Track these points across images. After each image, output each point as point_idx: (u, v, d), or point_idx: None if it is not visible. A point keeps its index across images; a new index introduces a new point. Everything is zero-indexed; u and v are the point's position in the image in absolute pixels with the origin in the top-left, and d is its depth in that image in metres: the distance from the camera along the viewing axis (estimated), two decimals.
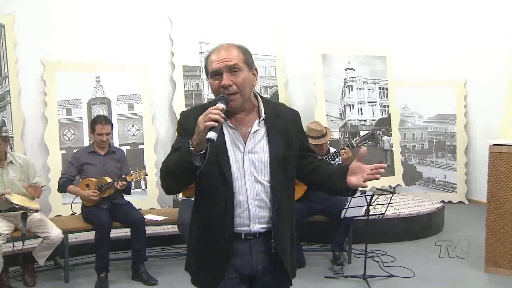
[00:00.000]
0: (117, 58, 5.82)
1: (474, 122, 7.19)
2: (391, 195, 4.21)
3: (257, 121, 1.90)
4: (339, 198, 4.46)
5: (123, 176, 4.24)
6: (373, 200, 4.07)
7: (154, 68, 6.04)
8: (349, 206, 4.03)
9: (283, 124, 1.95)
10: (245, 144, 1.87)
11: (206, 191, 1.88)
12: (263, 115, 1.91)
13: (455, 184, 7.16)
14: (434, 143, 7.31)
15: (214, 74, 1.83)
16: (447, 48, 7.12)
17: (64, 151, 5.57)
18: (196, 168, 1.73)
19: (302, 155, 2.03)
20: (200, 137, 1.65)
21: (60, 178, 4.33)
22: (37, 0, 5.60)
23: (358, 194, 4.03)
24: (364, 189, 2.43)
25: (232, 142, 1.87)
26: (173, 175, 1.81)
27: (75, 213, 4.62)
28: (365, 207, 4.08)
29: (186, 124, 1.90)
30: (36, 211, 3.83)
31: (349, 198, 4.00)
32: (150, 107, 6.00)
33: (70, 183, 4.27)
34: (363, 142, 4.42)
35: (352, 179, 1.85)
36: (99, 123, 4.30)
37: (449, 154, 7.26)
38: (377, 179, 1.85)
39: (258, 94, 2.00)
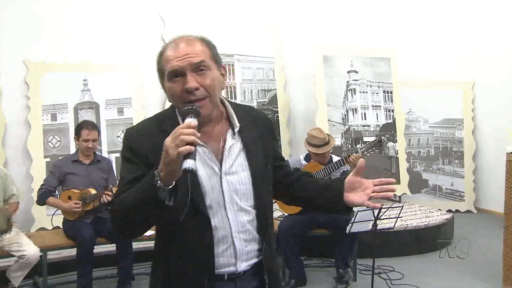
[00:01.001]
0: (106, 59, 5.49)
1: (482, 127, 6.87)
2: (400, 208, 3.86)
3: (229, 132, 1.54)
4: None
5: (110, 187, 3.90)
6: (381, 214, 3.73)
7: (145, 70, 5.63)
8: (355, 221, 3.68)
9: (259, 132, 1.61)
10: (220, 164, 1.50)
11: (173, 230, 1.48)
12: (237, 124, 1.54)
13: (463, 192, 6.83)
14: (441, 149, 6.98)
15: (173, 75, 1.43)
16: (454, 48, 6.81)
17: (48, 159, 5.22)
18: (165, 207, 1.34)
19: (277, 165, 1.69)
20: (171, 168, 1.27)
21: (40, 188, 3.98)
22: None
23: (364, 207, 3.70)
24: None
25: (203, 164, 1.48)
26: (133, 218, 1.40)
27: (59, 227, 4.25)
28: (372, 221, 3.75)
29: (138, 147, 1.50)
30: (5, 231, 3.44)
31: (355, 211, 3.68)
32: (142, 111, 5.66)
33: (50, 195, 3.93)
34: (370, 151, 4.07)
35: (353, 197, 1.56)
36: (85, 128, 3.97)
37: (456, 161, 6.93)
38: (388, 197, 1.54)
39: (225, 98, 1.62)
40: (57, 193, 4.15)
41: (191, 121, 1.32)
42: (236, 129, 1.54)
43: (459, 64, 6.78)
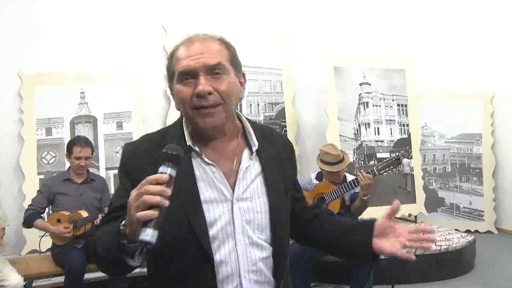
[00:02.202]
0: (105, 70, 5.21)
1: (503, 142, 6.49)
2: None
3: (246, 152, 1.30)
4: None
5: (104, 209, 3.59)
6: None
7: (146, 82, 5.40)
8: None
9: (279, 156, 1.37)
10: (233, 188, 1.26)
11: (168, 264, 1.26)
12: (255, 143, 1.31)
13: (482, 211, 6.44)
14: (458, 166, 6.61)
15: (184, 77, 1.23)
16: (472, 59, 6.49)
17: (42, 176, 4.90)
18: (134, 267, 1.16)
19: (294, 196, 1.44)
20: (133, 229, 1.07)
21: (27, 209, 3.67)
22: (15, 6, 5.00)
23: None
24: None
25: (210, 187, 1.24)
26: (105, 262, 1.20)
27: (46, 251, 3.93)
28: None
29: (129, 168, 1.30)
30: None
31: None
32: (142, 126, 5.34)
33: (39, 217, 3.62)
34: (387, 169, 3.73)
35: (384, 245, 1.32)
36: (77, 144, 3.67)
37: (474, 178, 6.55)
38: (427, 248, 1.31)
39: (240, 113, 1.38)
40: (46, 213, 3.84)
41: (164, 172, 1.06)
42: (255, 148, 1.31)
43: (477, 76, 6.46)
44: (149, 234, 1.02)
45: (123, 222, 1.12)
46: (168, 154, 1.08)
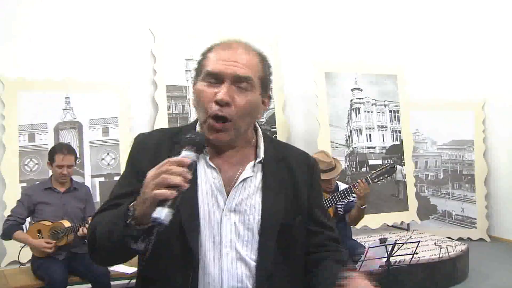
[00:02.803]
0: (90, 76, 5.06)
1: (495, 149, 6.45)
2: (417, 243, 3.39)
3: (251, 163, 1.24)
4: (354, 244, 3.72)
5: (87, 218, 3.44)
6: (394, 251, 3.28)
7: (133, 88, 5.28)
8: (366, 258, 3.22)
9: (290, 173, 1.28)
10: (227, 196, 1.21)
11: (153, 263, 1.20)
12: (261, 155, 1.25)
13: (475, 218, 6.36)
14: (450, 173, 6.54)
15: (210, 77, 1.19)
16: (464, 66, 6.45)
17: (24, 184, 4.73)
18: (136, 251, 1.10)
19: (311, 229, 1.32)
20: (145, 208, 1.03)
21: (6, 220, 3.50)
22: None
23: (377, 243, 3.26)
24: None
25: (208, 192, 1.21)
26: (103, 247, 1.16)
27: (24, 264, 3.76)
28: (385, 259, 3.29)
29: (137, 157, 1.27)
30: None
31: (366, 247, 3.24)
32: (129, 133, 5.20)
33: (18, 228, 3.46)
34: (381, 178, 3.64)
35: None
36: (59, 152, 3.51)
37: (466, 185, 6.48)
38: None
39: (260, 127, 1.34)
40: (28, 223, 3.68)
41: (187, 156, 1.05)
42: (258, 160, 1.27)
43: (469, 82, 6.42)
44: (163, 214, 0.98)
45: (132, 203, 1.09)
46: (194, 140, 1.08)
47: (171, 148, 1.21)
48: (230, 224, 1.21)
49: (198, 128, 1.29)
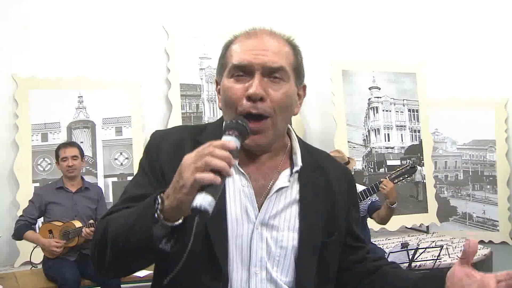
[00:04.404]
0: (103, 74, 5.01)
1: None
2: (440, 248, 3.26)
3: (286, 171, 1.09)
4: (373, 248, 3.60)
5: (90, 222, 3.37)
6: (416, 256, 3.15)
7: (146, 87, 5.21)
8: None
9: (328, 184, 1.12)
10: (259, 209, 1.06)
11: (174, 280, 1.03)
12: (299, 163, 1.09)
13: (497, 221, 6.17)
14: (470, 173, 6.36)
15: (237, 72, 1.04)
16: (485, 63, 6.24)
17: (37, 184, 4.69)
18: (162, 252, 0.95)
19: (350, 244, 1.18)
20: (179, 197, 0.89)
21: (18, 220, 3.48)
22: (9, 6, 4.82)
23: (398, 248, 3.13)
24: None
25: (237, 201, 1.06)
26: (116, 252, 0.97)
27: (36, 265, 3.71)
28: (407, 264, 3.16)
29: (155, 155, 1.11)
30: None
31: (387, 253, 3.12)
32: (142, 132, 5.15)
33: (30, 228, 3.42)
34: (401, 178, 3.51)
35: None
36: (61, 147, 3.55)
37: (488, 186, 6.29)
38: None
39: (292, 128, 1.20)
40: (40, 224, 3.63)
41: (230, 140, 0.93)
42: (296, 168, 1.08)
43: (490, 81, 6.21)
44: (206, 201, 0.83)
45: (160, 195, 0.94)
46: (237, 124, 0.96)
47: (195, 148, 1.08)
48: (262, 240, 1.07)
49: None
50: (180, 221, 0.92)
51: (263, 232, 1.07)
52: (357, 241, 1.21)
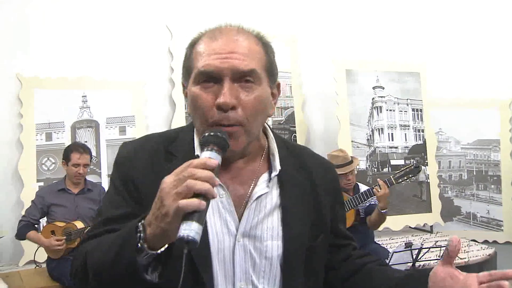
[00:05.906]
0: (107, 74, 5.02)
1: None
2: (443, 248, 3.25)
3: (264, 176, 1.03)
4: (377, 247, 3.59)
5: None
6: (420, 256, 3.14)
7: (150, 86, 5.22)
8: (390, 263, 3.09)
9: (311, 184, 1.07)
10: (239, 219, 1.00)
11: None
12: (277, 166, 1.03)
13: (501, 221, 6.15)
14: (474, 173, 6.34)
15: (204, 78, 0.97)
16: (489, 62, 6.22)
17: (42, 183, 4.69)
18: (149, 283, 0.87)
19: (336, 243, 1.14)
20: (162, 226, 0.82)
21: (20, 221, 3.49)
22: (12, 6, 4.83)
23: (402, 247, 3.13)
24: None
25: (216, 213, 0.99)
26: (102, 280, 0.91)
27: (40, 264, 3.72)
28: (411, 263, 3.16)
29: (127, 171, 1.04)
30: None
31: (390, 252, 3.11)
32: (146, 131, 5.13)
33: (32, 228, 3.44)
34: (405, 178, 3.50)
35: None
36: (75, 151, 3.50)
37: (492, 186, 6.27)
38: None
39: (269, 126, 1.11)
40: (42, 224, 3.64)
41: (210, 157, 0.85)
42: (274, 173, 1.02)
43: (494, 80, 6.18)
44: (194, 229, 0.77)
45: (141, 222, 0.88)
46: (217, 137, 0.87)
47: (168, 159, 1.02)
48: (245, 252, 1.01)
49: (195, 136, 1.08)
50: (166, 246, 0.86)
51: (246, 244, 1.01)
52: (342, 239, 1.18)
